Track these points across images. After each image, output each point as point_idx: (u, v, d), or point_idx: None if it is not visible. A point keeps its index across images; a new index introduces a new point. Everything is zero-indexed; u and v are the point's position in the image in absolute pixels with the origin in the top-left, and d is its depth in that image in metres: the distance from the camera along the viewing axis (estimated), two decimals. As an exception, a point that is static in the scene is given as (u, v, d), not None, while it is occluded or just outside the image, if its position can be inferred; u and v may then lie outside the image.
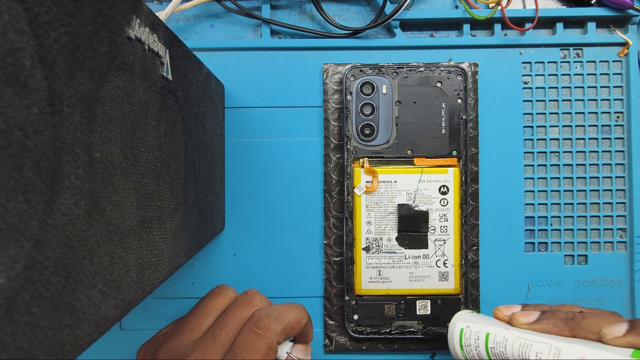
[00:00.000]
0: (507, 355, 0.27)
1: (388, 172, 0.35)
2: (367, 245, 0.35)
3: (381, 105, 0.35)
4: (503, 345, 0.27)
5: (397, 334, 0.35)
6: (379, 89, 0.35)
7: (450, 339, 0.31)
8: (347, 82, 0.35)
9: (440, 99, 0.35)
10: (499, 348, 0.28)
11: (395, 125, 0.35)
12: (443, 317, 0.35)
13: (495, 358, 0.28)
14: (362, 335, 0.35)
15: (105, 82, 0.16)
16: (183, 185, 0.25)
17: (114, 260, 0.16)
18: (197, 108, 0.28)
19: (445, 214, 0.35)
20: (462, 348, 0.30)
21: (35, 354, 0.12)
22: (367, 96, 0.35)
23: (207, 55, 0.37)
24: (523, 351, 0.26)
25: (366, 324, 0.35)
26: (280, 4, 0.38)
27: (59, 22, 0.13)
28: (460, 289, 0.35)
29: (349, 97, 0.35)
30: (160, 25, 0.21)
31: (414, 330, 0.35)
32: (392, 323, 0.35)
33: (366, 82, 0.35)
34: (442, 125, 0.35)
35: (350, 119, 0.35)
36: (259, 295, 0.30)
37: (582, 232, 0.37)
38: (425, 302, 0.35)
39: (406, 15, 0.37)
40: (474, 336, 0.29)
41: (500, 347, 0.28)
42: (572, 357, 0.25)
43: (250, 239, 0.37)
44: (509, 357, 0.27)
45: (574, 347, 0.25)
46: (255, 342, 0.26)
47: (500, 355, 0.28)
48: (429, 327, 0.35)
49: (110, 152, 0.16)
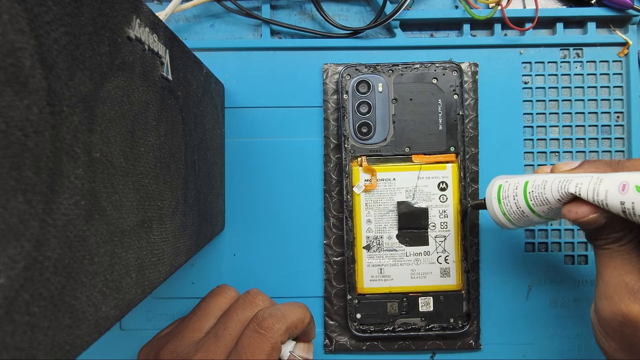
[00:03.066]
0: (545, 195, 0.26)
1: (386, 170, 0.35)
2: (367, 244, 0.35)
3: (378, 104, 0.35)
4: (542, 187, 0.26)
5: (401, 332, 0.35)
6: (375, 87, 0.35)
7: (488, 198, 0.30)
8: (343, 82, 0.35)
9: (437, 96, 0.35)
10: (538, 190, 0.26)
11: (392, 123, 0.35)
12: (446, 313, 0.35)
13: (534, 202, 0.27)
14: (365, 334, 0.35)
15: (105, 82, 0.16)
16: (183, 185, 0.25)
17: (114, 260, 0.16)
18: (197, 108, 0.28)
19: (445, 210, 0.35)
20: (500, 202, 0.29)
21: (35, 354, 0.12)
22: (364, 95, 0.35)
23: (207, 55, 0.37)
24: (562, 186, 0.25)
25: (369, 322, 0.35)
26: (280, 4, 0.38)
27: (59, 22, 0.13)
28: (462, 285, 0.35)
29: (345, 96, 0.35)
30: (160, 25, 0.21)
31: (417, 327, 0.35)
32: (395, 321, 0.35)
33: (362, 80, 0.35)
34: (439, 121, 0.35)
35: (347, 118, 0.35)
36: (261, 295, 0.30)
37: (582, 232, 0.37)
38: (428, 299, 0.35)
39: (406, 15, 0.37)
40: (513, 187, 0.28)
41: (539, 189, 0.26)
42: (614, 182, 0.23)
43: (250, 239, 0.37)
44: (547, 196, 0.26)
45: (617, 175, 0.23)
46: (259, 342, 0.26)
47: (539, 197, 0.26)
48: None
49: (110, 152, 0.16)
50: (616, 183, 0.23)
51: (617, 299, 0.24)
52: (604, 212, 0.24)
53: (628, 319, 0.23)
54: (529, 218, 0.28)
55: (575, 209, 0.24)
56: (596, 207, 0.24)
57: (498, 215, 0.30)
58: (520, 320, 0.37)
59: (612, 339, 0.25)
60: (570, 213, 0.25)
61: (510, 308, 0.37)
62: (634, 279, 0.24)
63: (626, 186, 0.22)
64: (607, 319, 0.25)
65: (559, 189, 0.25)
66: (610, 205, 0.23)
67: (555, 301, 0.37)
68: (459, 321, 0.35)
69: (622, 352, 0.25)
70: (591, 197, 0.24)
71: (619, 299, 0.24)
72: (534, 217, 0.28)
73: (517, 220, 0.29)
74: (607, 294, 0.25)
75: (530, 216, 0.28)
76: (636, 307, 0.23)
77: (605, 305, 0.25)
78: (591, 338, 0.36)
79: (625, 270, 0.24)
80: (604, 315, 0.25)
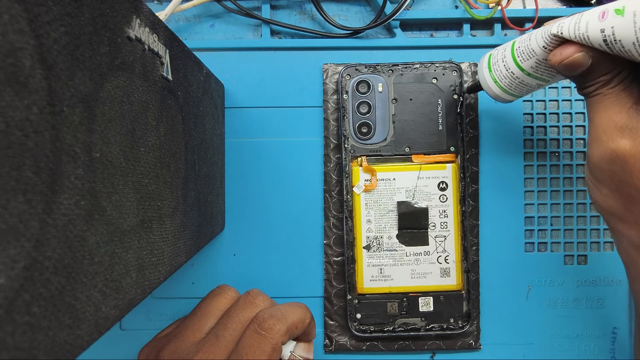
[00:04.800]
0: (531, 45, 0.26)
1: (386, 170, 0.35)
2: (367, 244, 0.35)
3: (377, 104, 0.35)
4: (527, 39, 0.26)
5: (401, 332, 0.35)
6: (375, 87, 0.35)
7: (480, 71, 0.30)
8: (342, 82, 0.35)
9: (437, 95, 0.35)
10: (524, 43, 0.27)
11: (392, 123, 0.35)
12: (446, 313, 0.35)
13: (521, 57, 0.27)
14: (365, 334, 0.35)
15: (105, 82, 0.16)
16: (183, 185, 0.25)
17: (114, 260, 0.16)
18: (197, 108, 0.28)
19: (445, 210, 0.35)
20: (491, 70, 0.29)
21: (35, 354, 0.12)
22: (363, 95, 0.35)
23: (207, 55, 0.37)
24: (545, 30, 0.25)
25: (369, 322, 0.35)
26: (280, 4, 0.38)
27: (59, 22, 0.13)
28: (462, 285, 0.35)
29: (345, 96, 0.35)
30: (160, 25, 0.21)
31: (417, 327, 0.35)
32: (395, 321, 0.35)
33: (362, 80, 0.35)
34: (439, 121, 0.35)
35: (347, 118, 0.35)
36: (262, 295, 0.30)
37: (582, 232, 0.37)
38: (428, 299, 0.35)
39: (406, 15, 0.37)
40: (502, 49, 0.29)
41: (525, 42, 0.27)
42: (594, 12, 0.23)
43: (250, 239, 0.37)
44: (533, 46, 0.26)
45: (598, 7, 0.23)
46: (259, 343, 0.26)
47: (525, 50, 0.27)
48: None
49: (110, 152, 0.16)
50: (596, 13, 0.23)
51: (605, 138, 0.24)
52: (589, 50, 0.24)
53: (616, 155, 0.23)
54: (520, 80, 0.28)
55: (560, 50, 0.24)
56: (581, 46, 0.24)
57: (490, 85, 0.30)
58: (520, 320, 0.37)
59: (602, 185, 0.25)
60: (555, 56, 0.25)
61: (510, 308, 0.37)
62: (623, 118, 0.23)
63: (605, 13, 0.22)
64: (597, 163, 0.25)
65: (543, 34, 0.25)
66: (591, 37, 0.23)
67: (555, 301, 0.37)
68: (459, 321, 0.35)
69: (612, 196, 0.25)
70: (573, 33, 0.24)
71: (607, 138, 0.24)
72: (524, 76, 0.28)
73: (509, 86, 0.29)
74: (597, 136, 0.24)
75: (521, 76, 0.28)
76: (624, 141, 0.23)
77: (595, 149, 0.24)
78: (591, 338, 0.36)
79: (614, 111, 0.24)
80: (594, 161, 0.25)
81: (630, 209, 0.24)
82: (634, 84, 0.24)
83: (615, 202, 0.25)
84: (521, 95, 0.30)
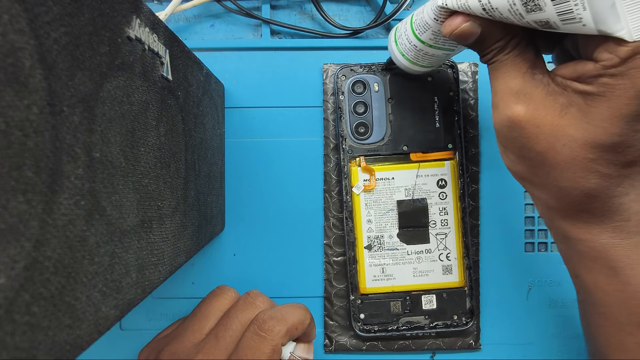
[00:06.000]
0: (425, 18, 0.26)
1: (385, 169, 0.35)
2: (369, 244, 0.35)
3: (374, 103, 0.35)
4: (421, 12, 0.27)
5: (405, 330, 0.35)
6: (371, 87, 0.35)
7: (389, 44, 0.31)
8: (338, 82, 0.35)
9: (432, 93, 0.35)
10: (419, 16, 0.27)
11: (389, 122, 0.35)
12: (449, 310, 0.35)
13: (419, 30, 0.27)
14: (369, 334, 0.35)
15: (105, 82, 0.16)
16: (183, 185, 0.25)
17: (114, 260, 0.16)
18: (197, 108, 0.28)
19: (445, 207, 0.35)
20: (397, 43, 0.30)
21: (35, 354, 0.12)
22: (359, 95, 0.35)
23: (207, 55, 0.37)
24: (433, 3, 0.25)
25: (373, 322, 0.35)
26: (280, 4, 0.38)
27: (59, 22, 0.13)
28: (465, 282, 0.35)
29: (342, 96, 0.35)
30: (160, 25, 0.21)
31: (421, 326, 0.35)
32: (399, 320, 0.35)
33: (357, 80, 0.35)
34: (435, 119, 0.35)
35: (344, 119, 0.35)
36: (262, 296, 0.30)
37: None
38: (431, 297, 0.35)
39: (406, 15, 0.37)
40: (404, 23, 0.29)
41: (419, 15, 0.27)
42: None
43: (250, 239, 0.37)
44: (426, 19, 0.26)
45: None
46: (259, 344, 0.26)
47: (420, 23, 0.27)
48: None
49: (110, 152, 0.16)
50: None
51: (502, 105, 0.24)
52: (477, 19, 0.23)
53: (513, 122, 0.23)
54: (424, 51, 0.28)
55: (449, 21, 0.24)
56: (468, 15, 0.24)
57: (398, 58, 0.30)
58: (520, 320, 0.37)
59: (509, 151, 0.25)
60: (445, 28, 0.25)
61: (510, 308, 0.37)
62: (518, 83, 0.23)
63: None
64: (499, 130, 0.25)
65: (431, 6, 0.26)
66: (472, 6, 0.23)
67: (555, 301, 0.37)
68: (462, 318, 0.35)
69: (518, 161, 0.25)
70: (456, 3, 0.24)
71: (504, 105, 0.24)
72: (426, 47, 0.28)
73: (415, 57, 0.29)
74: (496, 103, 0.24)
75: (423, 48, 0.28)
76: (518, 107, 0.23)
77: (496, 116, 0.25)
78: (591, 338, 0.36)
79: (510, 76, 0.24)
80: (497, 128, 0.25)
81: (536, 172, 0.24)
82: (529, 49, 0.24)
83: (522, 167, 0.25)
84: (432, 66, 0.30)
